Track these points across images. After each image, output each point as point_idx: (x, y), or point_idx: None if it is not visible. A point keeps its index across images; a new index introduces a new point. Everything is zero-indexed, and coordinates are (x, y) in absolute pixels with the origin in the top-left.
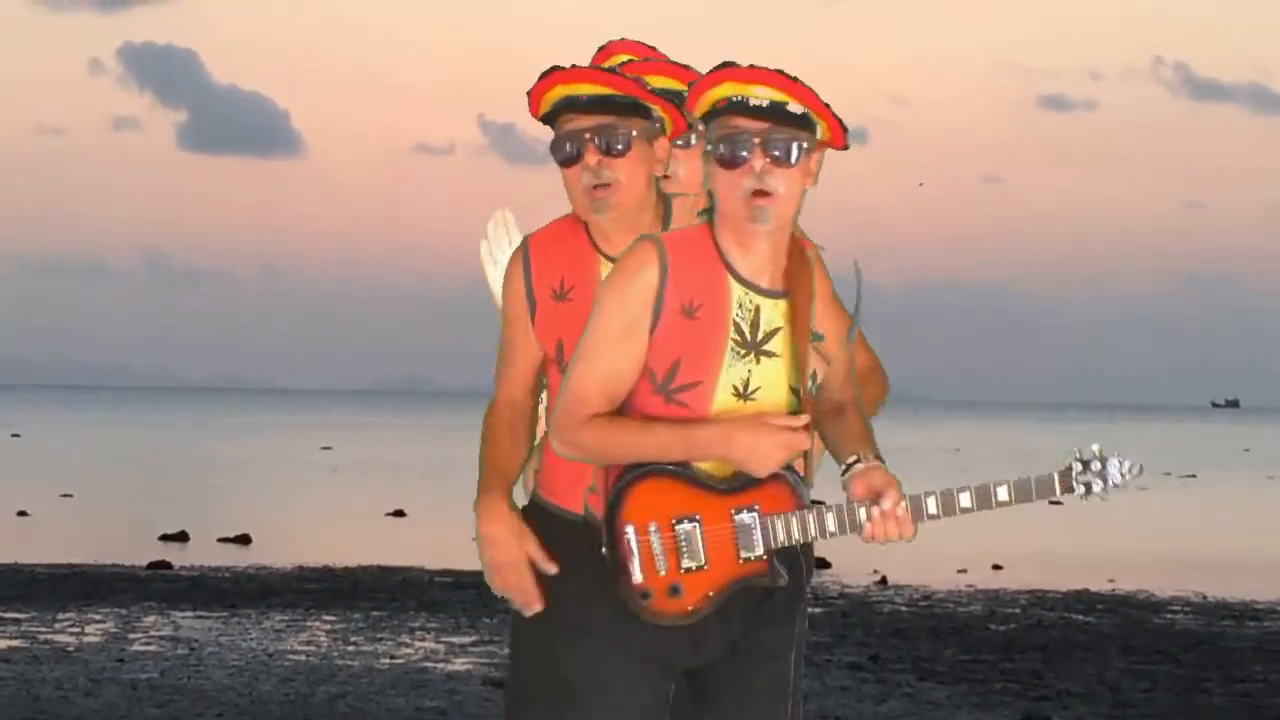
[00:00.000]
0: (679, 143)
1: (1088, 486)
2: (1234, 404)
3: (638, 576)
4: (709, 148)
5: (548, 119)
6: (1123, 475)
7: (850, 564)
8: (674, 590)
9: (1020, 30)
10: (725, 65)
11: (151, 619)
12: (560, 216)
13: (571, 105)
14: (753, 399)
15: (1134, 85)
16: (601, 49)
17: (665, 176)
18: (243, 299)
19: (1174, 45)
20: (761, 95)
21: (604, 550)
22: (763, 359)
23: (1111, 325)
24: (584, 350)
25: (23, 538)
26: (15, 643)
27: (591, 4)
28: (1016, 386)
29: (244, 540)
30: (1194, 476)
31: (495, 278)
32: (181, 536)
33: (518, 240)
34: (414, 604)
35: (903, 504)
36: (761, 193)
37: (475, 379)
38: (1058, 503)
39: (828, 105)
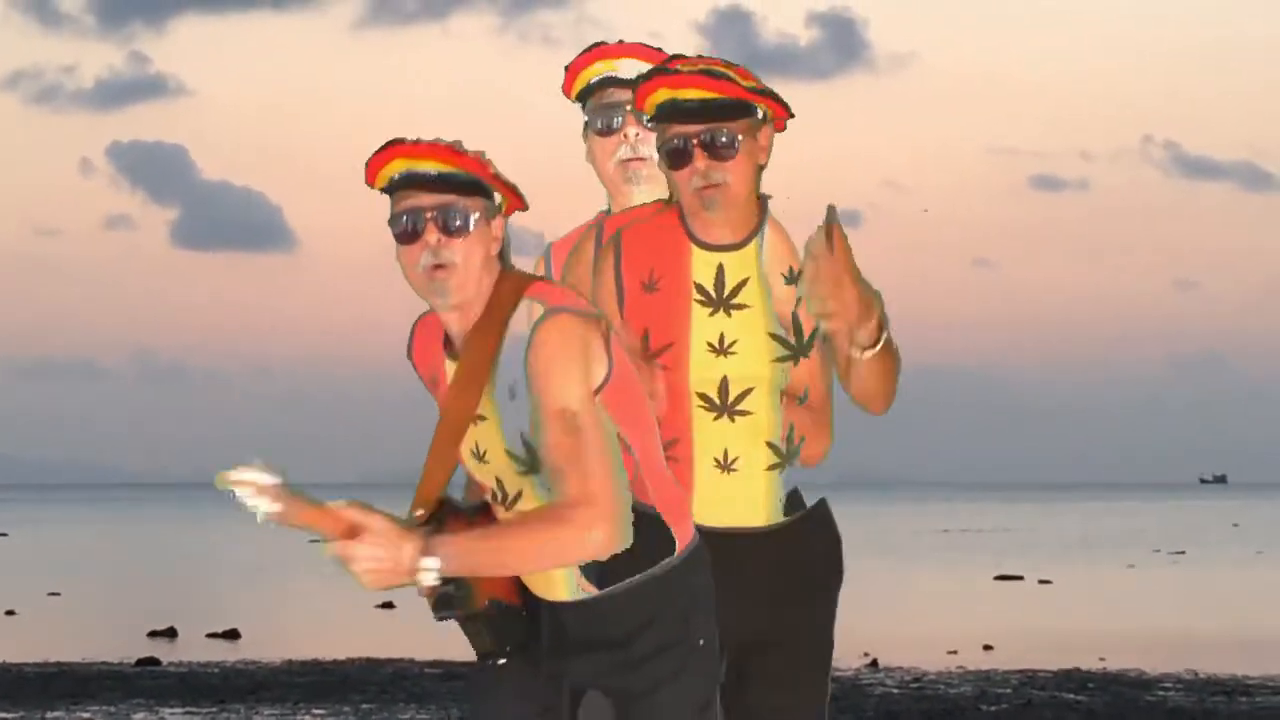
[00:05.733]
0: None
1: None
2: (1222, 480)
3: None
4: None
5: (651, 119)
6: None
7: (840, 646)
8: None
9: (1009, 112)
10: (393, 141)
11: (140, 716)
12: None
13: (675, 110)
14: (486, 461)
15: (1125, 164)
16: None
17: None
18: (232, 395)
19: (1164, 124)
20: (429, 167)
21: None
22: (479, 422)
23: (1100, 403)
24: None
25: (10, 636)
26: None
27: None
28: (1005, 468)
29: (233, 635)
30: (1183, 553)
31: None
32: (170, 633)
33: None
34: (404, 696)
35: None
36: (437, 266)
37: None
38: None
39: (497, 176)
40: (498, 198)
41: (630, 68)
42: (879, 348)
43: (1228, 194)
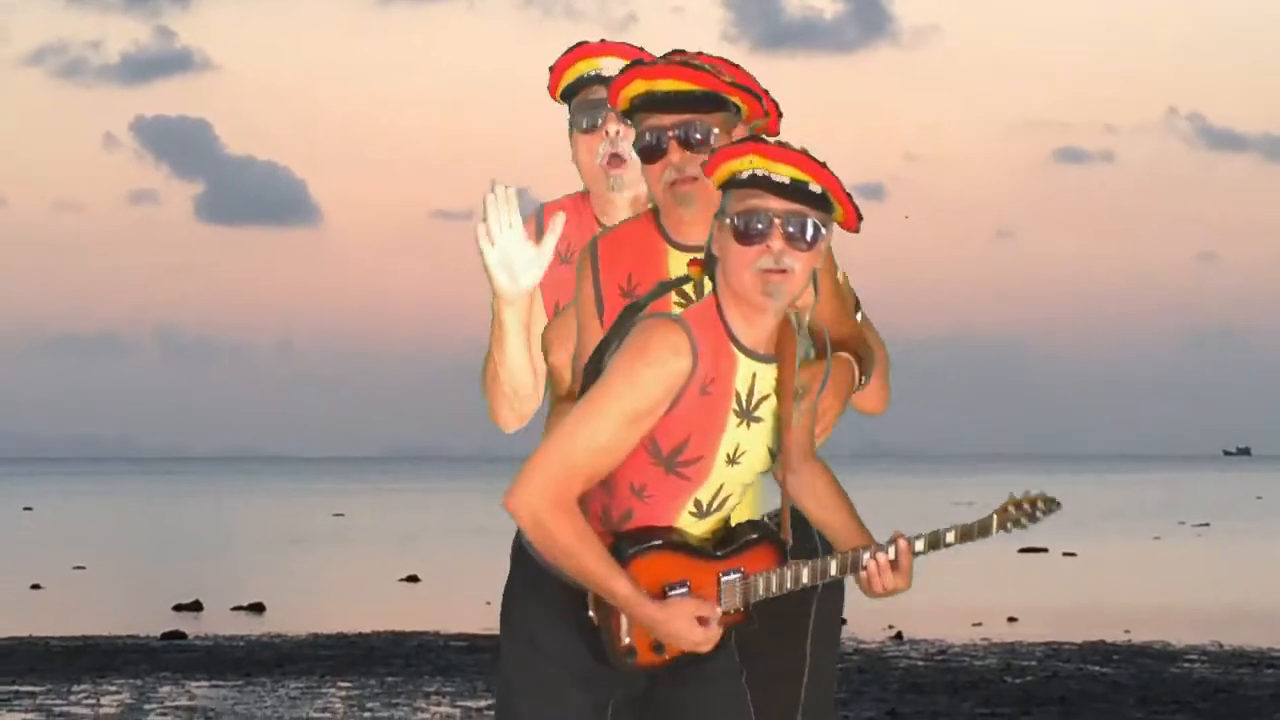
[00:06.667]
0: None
1: (1018, 524)
2: (1245, 452)
3: (626, 640)
4: (725, 219)
5: (626, 114)
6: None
7: (865, 619)
8: (657, 647)
9: (1033, 85)
10: (750, 138)
11: (166, 689)
12: (628, 219)
13: (651, 102)
14: (738, 463)
15: (1149, 137)
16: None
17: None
18: (256, 370)
19: (1188, 96)
20: (785, 173)
21: (591, 613)
22: (752, 425)
23: (1123, 375)
24: (588, 415)
25: (36, 610)
26: (30, 716)
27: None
28: (1027, 440)
29: (258, 609)
30: (1207, 525)
31: (494, 260)
32: (195, 606)
33: (518, 220)
34: (429, 669)
35: (896, 553)
36: (777, 270)
37: (485, 444)
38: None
39: (848, 193)
40: (838, 211)
41: (613, 66)
42: (868, 381)
43: (1253, 166)
